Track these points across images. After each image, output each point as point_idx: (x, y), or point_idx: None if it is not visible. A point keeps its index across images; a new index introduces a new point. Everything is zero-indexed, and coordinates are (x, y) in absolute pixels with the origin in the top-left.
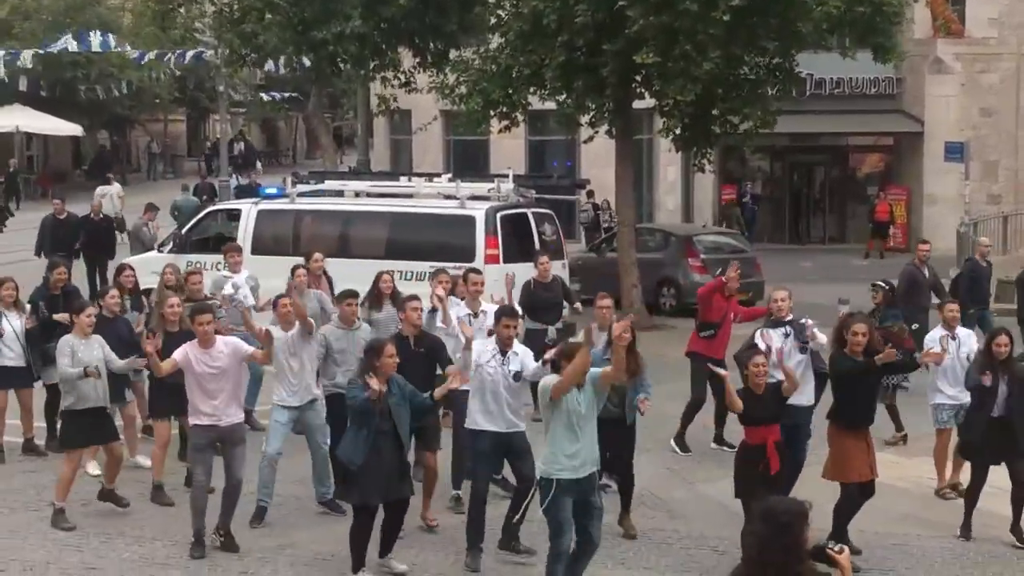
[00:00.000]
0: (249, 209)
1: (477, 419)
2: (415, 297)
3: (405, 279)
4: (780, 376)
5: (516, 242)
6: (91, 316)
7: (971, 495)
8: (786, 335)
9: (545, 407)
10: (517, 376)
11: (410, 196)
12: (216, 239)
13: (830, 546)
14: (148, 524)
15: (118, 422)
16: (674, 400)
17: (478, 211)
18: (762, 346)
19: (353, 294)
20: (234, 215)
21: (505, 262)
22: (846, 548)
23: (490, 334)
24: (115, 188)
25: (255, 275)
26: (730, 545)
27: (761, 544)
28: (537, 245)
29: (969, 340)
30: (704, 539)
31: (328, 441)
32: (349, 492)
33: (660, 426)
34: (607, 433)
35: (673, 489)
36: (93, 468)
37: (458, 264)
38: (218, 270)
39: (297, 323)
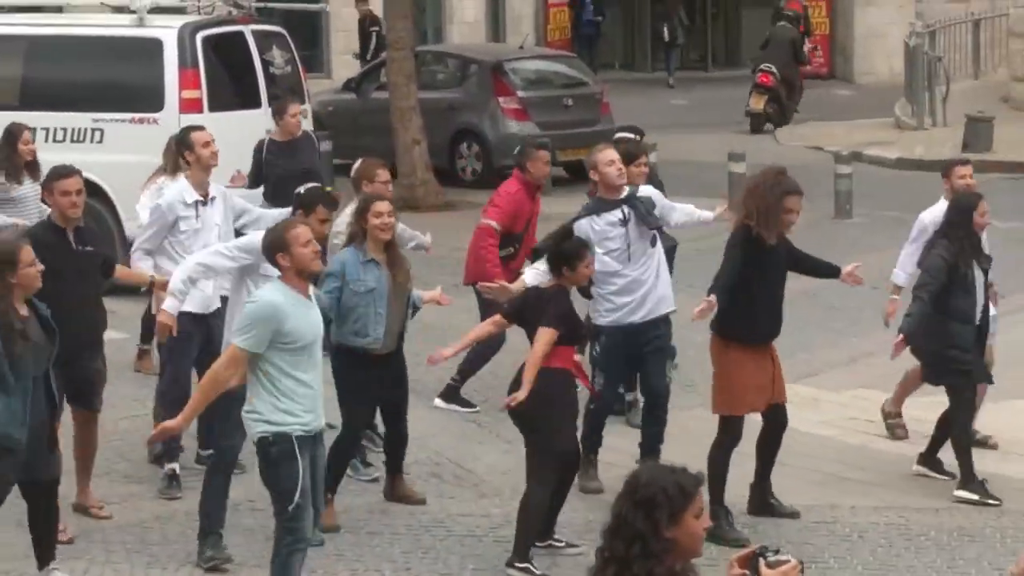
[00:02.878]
0: None
1: None
2: (68, 174)
3: (55, 140)
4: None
5: (229, 78)
6: None
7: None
8: (623, 220)
9: None
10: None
11: (59, 9)
12: None
13: (768, 553)
14: None
15: None
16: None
17: (167, 31)
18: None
19: None
20: None
21: (212, 110)
22: (795, 561)
23: None
24: None
25: None
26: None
27: (610, 528)
28: (262, 81)
29: None
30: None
31: None
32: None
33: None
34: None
35: (479, 453)
36: None
37: (137, 116)
38: None
39: None
